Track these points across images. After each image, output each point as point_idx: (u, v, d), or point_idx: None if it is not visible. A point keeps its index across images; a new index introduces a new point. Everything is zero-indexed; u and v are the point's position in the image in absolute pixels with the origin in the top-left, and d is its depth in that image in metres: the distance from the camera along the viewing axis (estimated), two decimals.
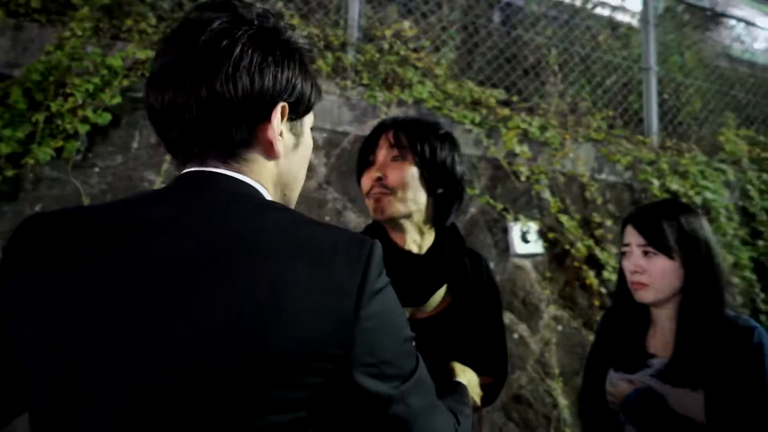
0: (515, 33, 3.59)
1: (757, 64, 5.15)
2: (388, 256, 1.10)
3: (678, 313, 1.39)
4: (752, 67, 5.11)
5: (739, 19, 4.96)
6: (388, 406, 0.68)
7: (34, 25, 2.19)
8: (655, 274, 1.37)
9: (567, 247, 2.90)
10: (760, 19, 5.18)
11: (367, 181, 1.23)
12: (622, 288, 1.49)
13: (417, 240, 1.25)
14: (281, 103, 0.73)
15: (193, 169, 0.72)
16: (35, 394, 0.64)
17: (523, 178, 2.88)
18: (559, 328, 2.82)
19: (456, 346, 1.25)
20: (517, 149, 2.89)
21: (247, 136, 0.71)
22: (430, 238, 1.27)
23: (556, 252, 2.92)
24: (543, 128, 3.05)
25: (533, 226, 2.79)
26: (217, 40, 0.68)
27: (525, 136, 2.98)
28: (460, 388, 1.06)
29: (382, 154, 1.22)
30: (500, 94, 3.12)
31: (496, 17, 3.90)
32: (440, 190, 1.24)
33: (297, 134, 0.79)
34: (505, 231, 2.80)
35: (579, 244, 2.90)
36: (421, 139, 1.21)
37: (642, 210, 1.48)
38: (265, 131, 0.72)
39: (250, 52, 0.69)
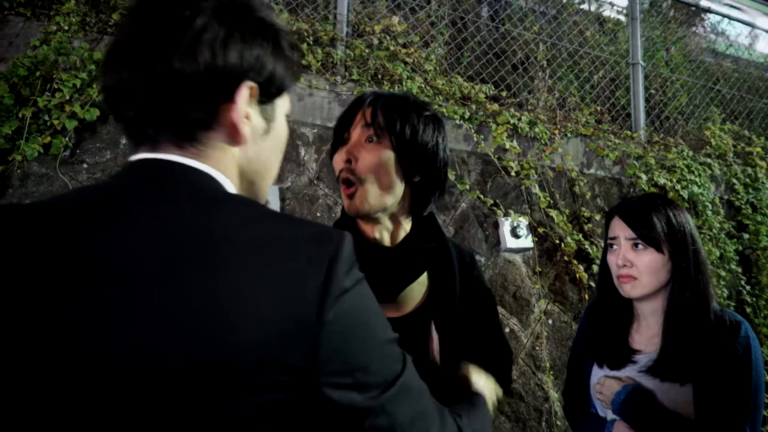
0: (504, 28, 3.60)
1: (741, 59, 5.22)
2: (357, 250, 1.04)
3: (666, 307, 1.38)
4: (736, 62, 5.18)
5: (723, 15, 5.02)
6: (366, 418, 0.62)
7: (20, 19, 2.15)
8: (643, 268, 1.36)
9: (557, 241, 2.92)
10: (741, 15, 5.25)
11: (337, 161, 1.10)
12: (605, 281, 1.48)
13: (389, 231, 1.13)
14: (248, 83, 0.65)
15: (143, 156, 0.65)
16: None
17: (512, 174, 2.90)
18: (550, 321, 2.84)
19: (442, 339, 1.14)
20: (507, 144, 2.90)
21: (207, 117, 0.64)
22: (405, 228, 1.14)
23: (546, 246, 2.94)
24: (532, 123, 3.07)
25: (523, 221, 2.80)
26: (178, 11, 0.62)
27: (514, 132, 2.99)
28: (476, 399, 0.96)
29: (356, 132, 1.08)
30: (489, 89, 3.13)
31: (485, 12, 3.91)
32: (417, 178, 1.10)
33: (268, 118, 0.71)
34: (496, 226, 2.81)
35: (568, 239, 2.93)
36: (401, 118, 1.06)
37: (630, 203, 1.45)
38: (228, 112, 0.65)
39: (215, 24, 0.63)
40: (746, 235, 3.68)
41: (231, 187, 0.67)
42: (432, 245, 1.14)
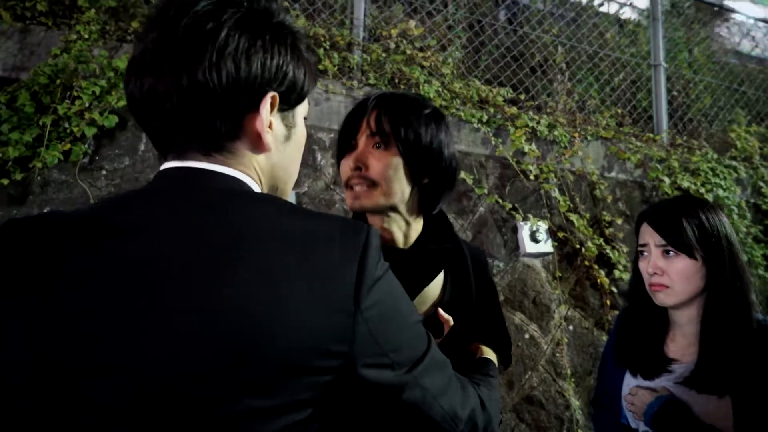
0: (522, 31, 3.57)
1: (766, 61, 5.09)
2: None
3: (702, 315, 1.31)
4: (762, 63, 5.06)
5: (747, 16, 4.91)
6: (401, 392, 0.66)
7: (41, 29, 2.19)
8: (675, 276, 1.29)
9: (577, 246, 2.87)
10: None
11: (345, 167, 1.10)
12: (638, 289, 1.42)
13: (402, 231, 1.13)
14: (271, 93, 0.68)
15: (172, 165, 0.67)
16: (14, 405, 0.60)
17: (531, 177, 2.86)
18: (570, 328, 2.79)
19: (451, 346, 1.14)
20: (526, 148, 2.87)
21: (232, 127, 0.66)
22: (417, 228, 1.14)
23: (566, 251, 2.89)
24: (551, 126, 3.03)
25: (543, 226, 2.76)
26: (200, 23, 0.63)
27: (533, 135, 2.95)
28: (487, 362, 1.05)
29: (363, 140, 1.08)
30: (507, 92, 3.10)
31: (502, 15, 3.88)
32: (426, 180, 1.11)
33: (289, 125, 0.74)
34: (515, 230, 2.77)
35: (589, 243, 2.87)
36: (404, 123, 1.07)
37: (659, 207, 1.37)
38: (252, 122, 0.67)
39: (237, 36, 0.64)
40: None
41: (256, 186, 0.70)
42: (447, 245, 1.16)
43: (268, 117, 0.68)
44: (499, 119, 2.90)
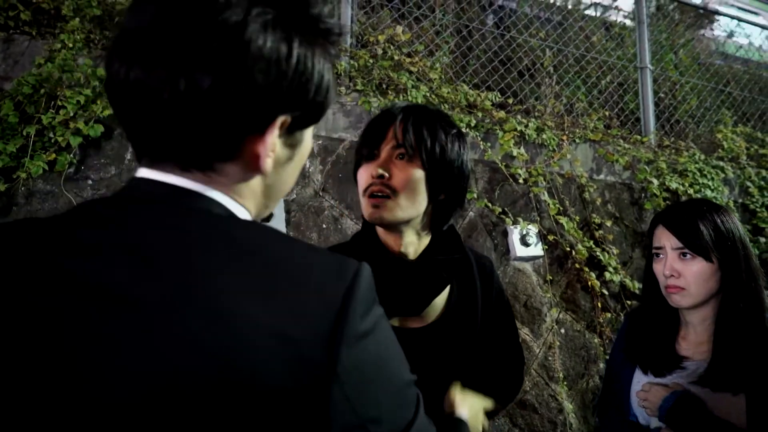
0: (509, 35, 3.58)
1: (751, 61, 5.15)
2: (380, 262, 1.07)
3: (716, 315, 1.33)
4: (747, 63, 5.12)
5: (732, 17, 4.97)
6: None
7: (25, 38, 2.17)
8: (692, 278, 1.31)
9: (567, 249, 2.88)
10: (751, 16, 5.19)
11: (365, 176, 1.08)
12: (651, 289, 1.44)
13: (414, 244, 1.13)
14: (282, 117, 0.56)
15: (148, 176, 0.56)
16: None
17: (521, 181, 2.86)
18: (562, 331, 2.79)
19: (456, 356, 1.15)
20: (514, 152, 2.87)
21: (229, 148, 0.55)
22: (426, 241, 1.15)
23: (557, 254, 2.89)
24: (539, 130, 3.04)
25: (533, 229, 2.76)
26: (221, 16, 0.50)
27: (521, 139, 2.96)
28: (459, 427, 0.91)
29: (387, 149, 1.07)
30: (495, 96, 3.10)
31: (490, 20, 3.90)
32: (442, 196, 1.11)
33: (294, 144, 0.62)
34: (505, 234, 2.77)
35: (579, 246, 2.88)
36: (431, 137, 1.07)
37: (675, 210, 1.39)
38: (253, 145, 0.56)
39: (261, 42, 0.52)
40: (762, 239, 3.60)
41: (241, 211, 0.59)
42: (455, 256, 1.15)
43: (273, 142, 0.57)
44: (488, 123, 2.91)
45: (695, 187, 3.37)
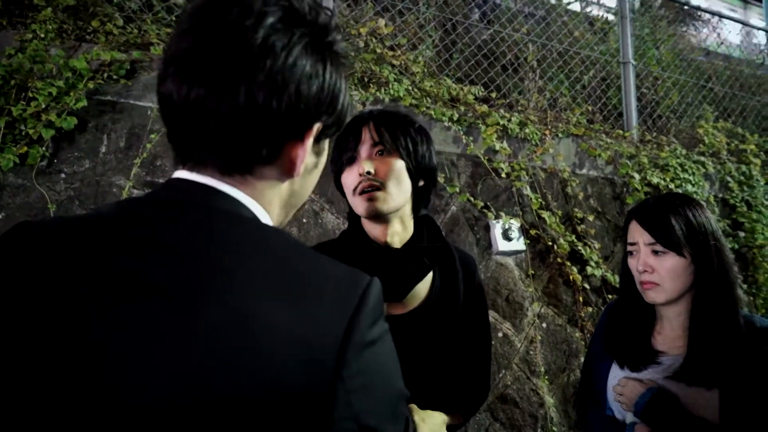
0: (493, 29, 3.57)
1: (732, 57, 5.19)
2: (366, 252, 1.18)
3: (690, 311, 1.33)
4: (728, 60, 5.16)
5: (713, 13, 5.00)
6: None
7: None
8: (665, 273, 1.31)
9: (549, 243, 2.88)
10: (731, 13, 5.23)
11: (352, 177, 1.18)
12: (627, 284, 1.44)
13: (399, 233, 1.22)
14: (318, 123, 0.64)
15: (187, 177, 0.62)
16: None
17: (503, 175, 2.86)
18: (544, 325, 2.79)
19: (436, 343, 1.22)
20: (497, 146, 2.86)
21: (272, 153, 0.62)
22: (410, 230, 1.25)
23: (539, 249, 2.89)
24: (522, 124, 3.03)
25: (515, 224, 2.76)
26: (271, 41, 0.58)
27: (504, 133, 2.95)
28: None
29: (366, 148, 1.18)
30: (479, 91, 3.09)
31: (473, 14, 3.88)
32: (421, 183, 1.23)
33: (319, 153, 0.70)
34: (487, 229, 2.77)
35: (561, 240, 2.88)
36: (402, 132, 1.20)
37: (647, 205, 1.39)
38: (292, 150, 0.63)
39: (304, 61, 0.60)
40: (742, 234, 3.64)
41: (266, 217, 0.65)
42: (437, 244, 1.25)
43: (310, 147, 0.65)
44: (470, 117, 2.89)
45: (676, 182, 3.39)
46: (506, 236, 2.72)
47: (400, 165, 1.18)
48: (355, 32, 2.92)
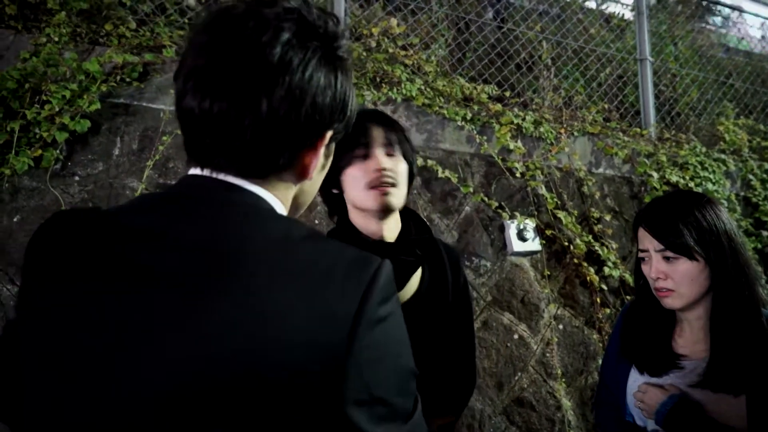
0: (506, 27, 3.53)
1: (753, 53, 5.08)
2: (360, 246, 1.14)
3: (710, 314, 1.28)
4: (749, 56, 5.05)
5: (733, 8, 4.90)
6: None
7: (10, 32, 2.13)
8: (679, 279, 1.26)
9: (566, 243, 2.83)
10: (753, 7, 5.12)
11: (364, 171, 1.23)
12: (643, 288, 1.39)
13: (392, 228, 1.29)
14: (329, 132, 0.68)
15: (203, 173, 0.65)
16: (26, 392, 0.61)
17: (518, 175, 2.82)
18: (560, 327, 2.75)
19: (428, 335, 1.26)
20: (511, 145, 2.82)
21: (289, 161, 0.66)
22: (399, 224, 1.31)
23: (555, 249, 2.84)
24: (537, 123, 2.99)
25: (530, 224, 2.72)
26: (288, 56, 0.62)
27: (518, 132, 2.91)
28: None
29: (378, 150, 1.24)
30: (492, 89, 3.05)
31: (486, 12, 3.85)
32: (414, 179, 1.35)
33: (327, 155, 0.74)
34: (502, 229, 2.73)
35: (578, 241, 2.83)
36: (405, 136, 1.31)
37: (653, 210, 1.34)
38: (306, 157, 0.67)
39: (319, 74, 0.64)
40: (765, 233, 3.55)
41: (283, 210, 0.69)
42: (426, 236, 1.32)
43: (322, 153, 0.69)
44: (484, 117, 2.86)
45: (696, 180, 3.32)
46: (521, 237, 2.68)
47: (404, 166, 1.27)
48: (367, 32, 2.90)
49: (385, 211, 1.24)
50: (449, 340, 1.32)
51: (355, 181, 1.24)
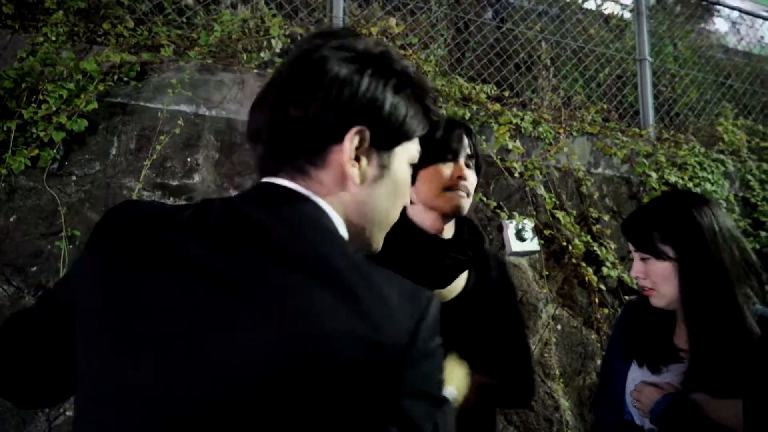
0: (505, 27, 3.53)
1: (752, 54, 5.08)
2: (416, 239, 1.29)
3: (684, 313, 1.30)
4: (748, 57, 5.04)
5: (732, 7, 4.89)
6: None
7: (7, 32, 2.12)
8: (656, 278, 1.30)
9: (564, 243, 2.83)
10: (751, 8, 5.11)
11: (448, 173, 1.29)
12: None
13: (449, 229, 1.35)
14: (357, 126, 0.68)
15: (267, 180, 0.70)
16: (79, 374, 0.65)
17: (516, 175, 2.81)
18: (559, 327, 2.74)
19: (475, 330, 1.31)
20: (510, 145, 2.82)
21: (317, 156, 0.69)
22: (453, 228, 1.37)
23: (553, 249, 2.84)
24: (536, 123, 2.98)
25: (528, 224, 2.71)
26: (315, 57, 0.70)
27: (517, 132, 2.91)
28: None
29: (463, 158, 1.31)
30: (491, 89, 3.05)
31: (486, 12, 3.84)
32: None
33: (384, 165, 0.72)
34: (500, 229, 2.73)
35: (576, 241, 2.83)
36: (479, 150, 1.38)
37: (633, 213, 1.42)
38: (337, 154, 0.69)
39: (337, 68, 0.68)
40: (763, 233, 3.55)
41: (340, 222, 0.69)
42: (479, 239, 1.38)
43: (352, 150, 0.68)
44: (483, 116, 2.85)
45: (695, 181, 3.32)
46: (520, 237, 2.68)
47: (475, 179, 1.34)
48: (366, 32, 2.90)
49: (454, 214, 1.30)
50: (498, 338, 1.37)
51: (434, 180, 1.29)
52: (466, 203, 1.30)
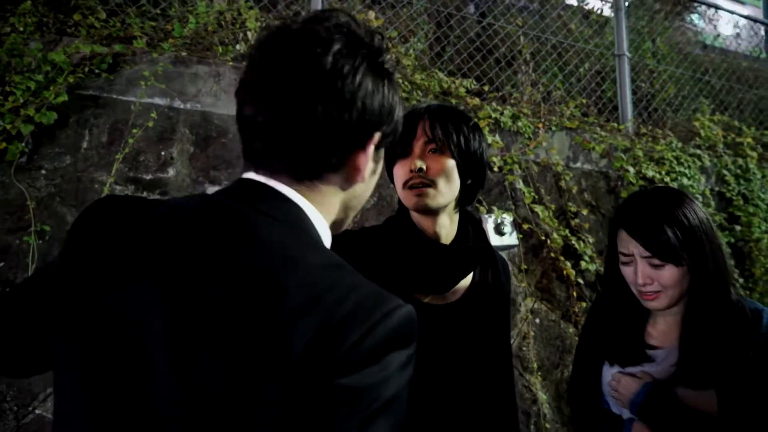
0: (486, 22, 3.52)
1: (729, 51, 5.15)
2: (415, 243, 1.24)
3: (685, 312, 1.29)
4: (725, 53, 5.11)
5: (710, 5, 4.95)
6: None
7: None
8: (667, 282, 1.25)
9: (543, 238, 2.84)
10: (729, 5, 5.18)
11: (403, 170, 1.21)
12: (618, 285, 1.37)
13: (446, 226, 1.25)
14: (378, 132, 0.72)
15: (257, 178, 0.69)
16: (61, 372, 0.67)
17: (495, 169, 2.82)
18: (537, 320, 2.76)
19: (472, 336, 1.26)
20: (489, 139, 2.82)
21: (340, 161, 0.70)
22: (455, 225, 1.28)
23: (532, 243, 2.85)
24: (515, 117, 2.99)
25: (507, 218, 2.72)
26: (338, 64, 0.67)
27: (496, 126, 2.91)
28: None
29: (420, 145, 1.20)
30: (471, 84, 3.05)
31: (472, 8, 3.84)
32: (469, 181, 1.24)
33: (377, 160, 0.77)
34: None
35: (555, 235, 2.84)
36: (455, 130, 1.21)
37: (635, 212, 1.30)
38: (357, 158, 0.71)
39: (367, 79, 0.69)
40: (738, 227, 3.60)
41: (323, 223, 0.71)
42: (483, 245, 1.29)
43: (372, 154, 0.72)
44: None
45: (672, 175, 3.35)
46: (499, 231, 2.68)
47: (451, 164, 1.19)
48: None
49: (422, 211, 1.21)
50: (488, 349, 1.30)
51: (397, 179, 1.24)
52: (431, 197, 1.18)
